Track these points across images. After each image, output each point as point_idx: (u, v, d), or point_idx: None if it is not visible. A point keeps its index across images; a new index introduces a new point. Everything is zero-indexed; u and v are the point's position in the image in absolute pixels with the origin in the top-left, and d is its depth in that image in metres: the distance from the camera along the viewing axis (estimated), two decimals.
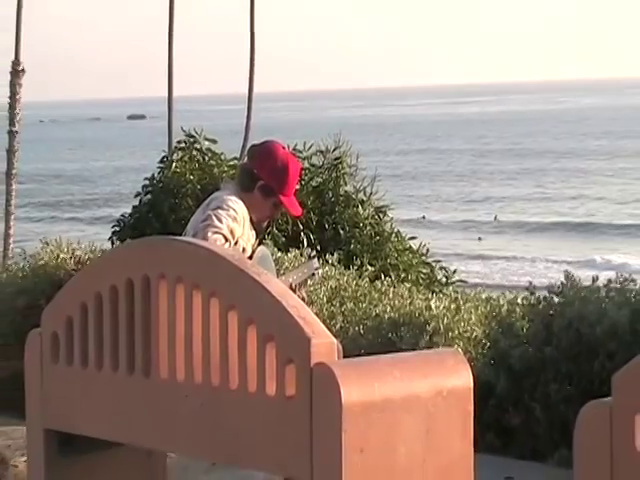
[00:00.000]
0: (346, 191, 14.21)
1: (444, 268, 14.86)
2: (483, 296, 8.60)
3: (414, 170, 76.88)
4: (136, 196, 15.06)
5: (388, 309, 8.05)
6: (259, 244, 6.63)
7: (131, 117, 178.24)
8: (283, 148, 6.63)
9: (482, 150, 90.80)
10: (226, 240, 6.17)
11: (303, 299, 5.93)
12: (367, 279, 9.43)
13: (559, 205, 60.10)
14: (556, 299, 7.54)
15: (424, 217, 55.18)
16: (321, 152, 14.50)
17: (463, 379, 5.35)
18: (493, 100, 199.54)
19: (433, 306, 7.91)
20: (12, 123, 49.71)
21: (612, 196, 61.84)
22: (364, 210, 14.08)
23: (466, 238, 49.91)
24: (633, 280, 7.47)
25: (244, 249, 6.29)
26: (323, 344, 5.17)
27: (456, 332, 7.61)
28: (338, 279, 8.95)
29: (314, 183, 14.10)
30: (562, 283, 7.62)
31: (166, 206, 13.85)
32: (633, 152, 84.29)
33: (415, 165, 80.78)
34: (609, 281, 7.48)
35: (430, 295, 8.58)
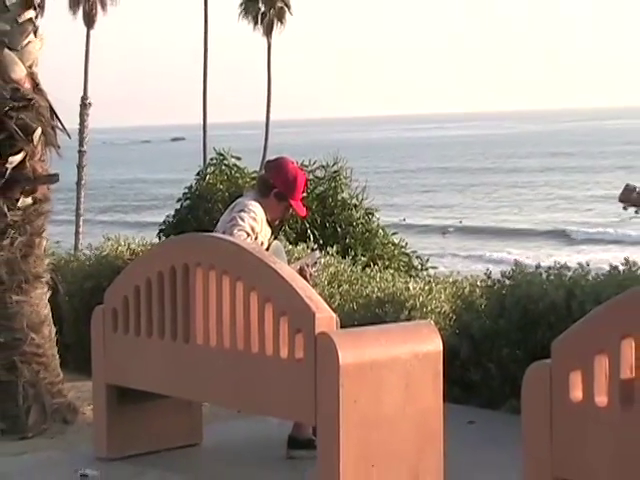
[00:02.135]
0: (343, 197, 14.21)
1: (419, 257, 14.87)
2: (450, 279, 8.57)
3: (394, 182, 76.61)
4: (178, 201, 15.07)
5: (376, 290, 8.03)
6: (274, 239, 6.64)
7: (174, 139, 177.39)
8: (292, 163, 6.61)
9: (444, 167, 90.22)
10: (248, 235, 6.16)
11: (308, 281, 5.95)
12: (359, 266, 9.42)
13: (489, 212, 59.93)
14: (507, 282, 7.52)
15: (404, 219, 54.86)
16: (323, 167, 14.50)
17: (434, 345, 5.38)
18: (454, 126, 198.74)
19: (411, 287, 7.89)
20: (81, 144, 49.81)
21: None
22: (357, 212, 14.09)
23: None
24: (568, 267, 7.45)
25: (262, 243, 6.28)
26: (325, 317, 5.21)
27: (429, 308, 7.59)
28: (336, 266, 8.94)
29: (317, 191, 14.09)
30: (512, 269, 7.61)
31: (201, 209, 13.85)
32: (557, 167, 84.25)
33: (393, 177, 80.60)
34: (549, 268, 7.47)
35: (408, 279, 8.55)
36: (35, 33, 7.25)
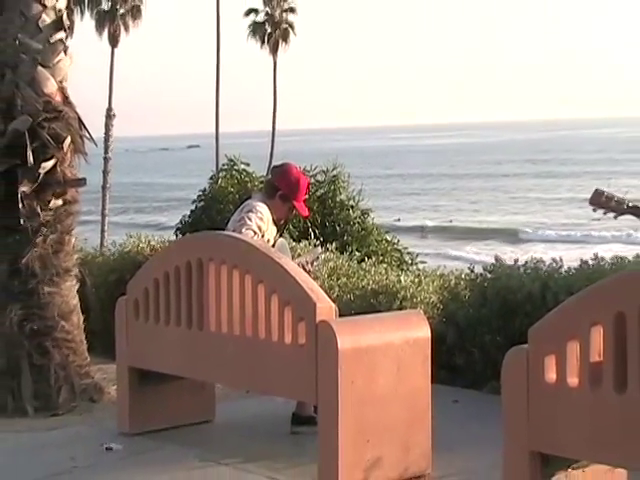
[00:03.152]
0: (341, 199, 14.20)
1: (409, 253, 14.86)
2: (438, 273, 8.57)
3: (388, 186, 76.34)
4: (193, 203, 15.07)
5: (370, 282, 8.01)
6: (279, 236, 6.63)
7: (190, 147, 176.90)
8: (296, 168, 6.59)
9: (433, 173, 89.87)
10: (255, 234, 6.14)
11: (309, 274, 5.95)
12: (355, 261, 9.40)
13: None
14: (489, 275, 7.51)
15: (399, 219, 54.72)
16: (323, 171, 14.48)
17: (423, 332, 5.38)
18: (444, 135, 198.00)
19: (402, 280, 7.88)
20: (106, 151, 49.71)
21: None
22: (353, 212, 14.08)
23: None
24: (543, 261, 7.44)
25: (268, 240, 6.27)
26: (325, 307, 5.21)
27: (418, 298, 7.58)
28: (335, 261, 8.92)
29: (318, 193, 14.08)
30: (493, 264, 7.60)
31: (214, 210, 13.85)
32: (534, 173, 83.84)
33: (387, 181, 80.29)
34: (526, 262, 7.46)
35: (400, 272, 8.52)
36: (65, 52, 7.25)
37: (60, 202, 7.19)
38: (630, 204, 4.35)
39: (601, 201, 4.35)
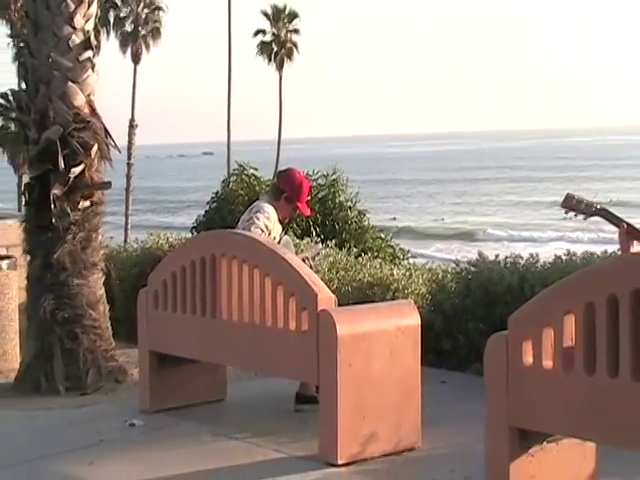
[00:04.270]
0: (340, 200, 14.13)
1: (402, 249, 14.82)
2: (427, 267, 8.54)
3: (381, 189, 75.98)
4: (207, 204, 15.03)
5: (366, 275, 7.99)
6: (284, 234, 6.62)
7: (204, 154, 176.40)
8: (299, 172, 6.57)
9: (416, 178, 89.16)
10: (262, 232, 6.12)
11: (311, 268, 5.95)
12: (353, 256, 9.39)
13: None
14: (473, 269, 7.49)
15: (395, 218, 54.51)
16: (324, 176, 14.43)
17: (414, 320, 5.38)
18: (432, 143, 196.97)
19: (395, 273, 7.87)
20: (129, 158, 49.68)
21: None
22: (351, 212, 14.02)
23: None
24: (521, 257, 7.42)
25: (274, 237, 6.25)
26: (325, 297, 5.21)
27: (409, 290, 7.56)
28: (334, 256, 8.89)
29: (319, 195, 14.02)
30: (477, 259, 7.59)
31: (226, 210, 13.79)
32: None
33: (381, 186, 79.96)
34: (506, 257, 7.44)
35: (393, 267, 8.50)
36: (92, 69, 7.24)
37: (88, 203, 7.19)
38: (598, 206, 4.35)
39: (572, 204, 4.35)
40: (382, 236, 14.32)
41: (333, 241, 10.12)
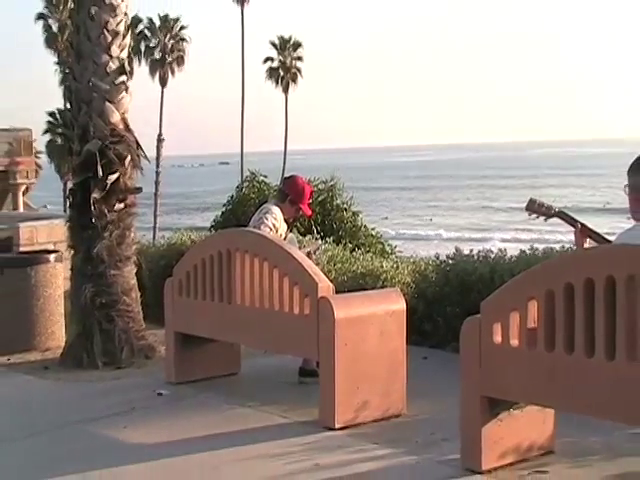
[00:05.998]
0: (337, 203, 14.12)
1: (390, 245, 14.79)
2: (411, 260, 8.51)
3: (372, 194, 75.43)
4: (223, 206, 15.02)
5: (360, 267, 7.97)
6: (289, 232, 6.63)
7: (221, 163, 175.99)
8: (302, 179, 6.55)
9: (402, 186, 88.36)
10: (270, 230, 6.11)
11: (312, 261, 5.93)
12: (348, 251, 9.37)
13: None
14: (450, 261, 7.47)
15: (387, 218, 54.32)
16: (323, 182, 14.41)
17: (400, 305, 5.36)
18: (421, 154, 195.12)
19: (384, 265, 7.84)
20: (157, 167, 49.54)
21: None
22: (347, 213, 14.01)
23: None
24: (491, 251, 7.40)
25: (281, 235, 6.24)
26: (324, 286, 5.19)
27: (396, 279, 7.53)
28: (332, 251, 8.87)
29: (319, 198, 14.01)
30: (454, 253, 7.57)
31: (239, 211, 13.75)
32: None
33: (377, 192, 79.50)
34: (479, 251, 7.43)
35: (382, 260, 8.50)
36: (126, 91, 7.23)
37: (122, 205, 7.18)
38: (557, 209, 4.34)
39: (534, 208, 4.33)
40: (373, 234, 14.29)
41: (331, 238, 10.11)
